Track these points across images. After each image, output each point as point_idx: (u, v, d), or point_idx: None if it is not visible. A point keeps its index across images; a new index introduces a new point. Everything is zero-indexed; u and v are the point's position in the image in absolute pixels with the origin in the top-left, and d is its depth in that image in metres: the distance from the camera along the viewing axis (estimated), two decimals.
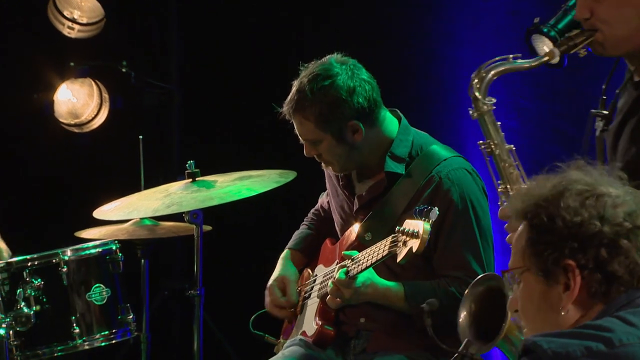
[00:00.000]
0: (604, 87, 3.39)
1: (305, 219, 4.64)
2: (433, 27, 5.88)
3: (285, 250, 4.54)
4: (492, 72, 3.34)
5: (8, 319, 4.20)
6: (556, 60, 3.30)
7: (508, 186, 3.31)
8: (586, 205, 2.34)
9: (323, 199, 4.61)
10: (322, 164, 4.27)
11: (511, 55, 3.33)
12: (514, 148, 3.36)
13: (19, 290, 4.26)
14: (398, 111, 4.26)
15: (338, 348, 4.28)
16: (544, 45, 4.83)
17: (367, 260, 3.98)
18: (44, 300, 4.30)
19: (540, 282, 2.40)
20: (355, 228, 4.22)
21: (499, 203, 3.34)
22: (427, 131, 4.30)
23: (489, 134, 3.35)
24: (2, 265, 4.32)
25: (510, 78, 5.48)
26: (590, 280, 2.34)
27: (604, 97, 3.38)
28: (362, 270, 3.98)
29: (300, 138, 4.19)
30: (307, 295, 4.43)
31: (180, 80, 6.45)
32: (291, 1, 6.26)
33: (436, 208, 3.77)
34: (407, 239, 3.75)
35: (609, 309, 2.32)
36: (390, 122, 4.20)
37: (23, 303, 4.25)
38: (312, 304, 4.34)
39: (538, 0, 5.00)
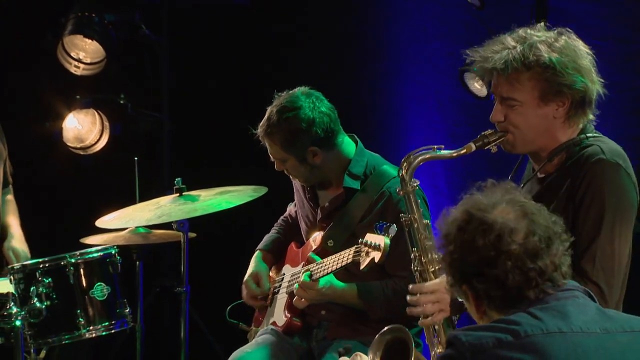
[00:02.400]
0: (510, 176, 3.39)
1: (275, 225, 4.65)
2: (382, 66, 5.91)
3: (257, 251, 4.55)
4: (419, 159, 3.33)
5: (23, 313, 4.17)
6: (470, 151, 3.31)
7: (420, 254, 3.32)
8: (462, 241, 2.39)
9: (291, 208, 4.62)
10: (290, 177, 4.30)
11: (435, 146, 3.33)
12: (430, 224, 3.37)
13: (32, 288, 4.23)
14: (355, 136, 4.29)
15: (303, 336, 4.30)
16: (475, 82, 4.89)
17: (331, 265, 4.00)
18: (54, 296, 4.28)
19: (465, 300, 2.47)
20: (319, 235, 4.25)
21: (412, 267, 3.34)
22: (378, 153, 4.33)
23: (411, 210, 3.36)
24: (18, 267, 4.31)
25: (446, 108, 5.54)
26: (481, 300, 2.40)
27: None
28: (324, 275, 4.01)
29: (271, 157, 4.23)
30: (276, 290, 4.43)
31: (170, 110, 6.43)
32: (265, 43, 6.28)
33: (394, 225, 3.80)
34: (370, 250, 3.77)
35: (514, 309, 2.35)
36: (347, 145, 4.23)
37: (36, 299, 4.22)
38: (281, 299, 4.35)
39: (470, 45, 5.04)
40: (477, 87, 4.89)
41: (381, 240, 3.74)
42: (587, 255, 3.08)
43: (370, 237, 3.80)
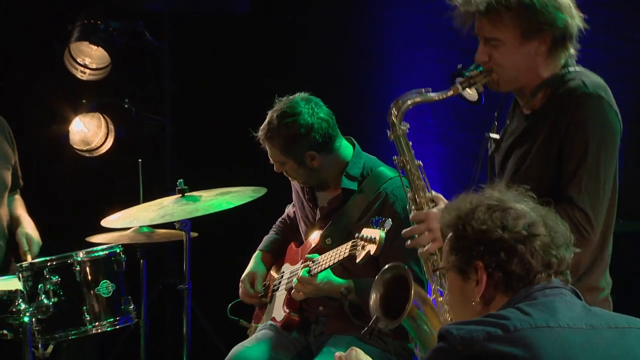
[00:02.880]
0: (496, 113, 3.41)
1: (273, 226, 4.66)
2: (377, 72, 5.91)
3: (257, 252, 4.57)
4: (408, 102, 3.32)
5: (31, 309, 4.16)
6: (457, 92, 3.29)
7: (414, 194, 3.34)
8: (492, 217, 2.38)
9: (289, 210, 4.63)
10: (290, 178, 4.31)
11: (423, 89, 3.32)
12: (422, 164, 3.37)
13: (40, 285, 4.22)
14: (353, 139, 4.30)
15: (301, 331, 4.30)
16: None
17: (329, 260, 4.00)
18: (61, 293, 4.26)
19: (459, 279, 2.45)
20: (318, 234, 4.25)
21: (407, 207, 3.37)
22: (374, 154, 4.33)
23: (402, 152, 3.37)
24: (27, 265, 4.30)
25: (439, 112, 5.54)
26: (494, 277, 2.38)
27: (496, 123, 3.41)
28: (322, 270, 4.01)
29: (271, 159, 4.24)
30: (275, 288, 4.44)
31: (171, 114, 6.44)
32: (264, 49, 6.29)
33: (389, 219, 3.81)
34: (366, 244, 3.77)
35: (512, 302, 2.36)
36: (345, 148, 4.24)
37: (43, 296, 4.21)
38: (280, 295, 4.35)
39: (460, 51, 5.04)
40: (469, 92, 4.88)
41: (377, 233, 3.75)
42: (574, 182, 3.10)
43: (366, 232, 3.80)
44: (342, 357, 2.80)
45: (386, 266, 3.24)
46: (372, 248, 3.74)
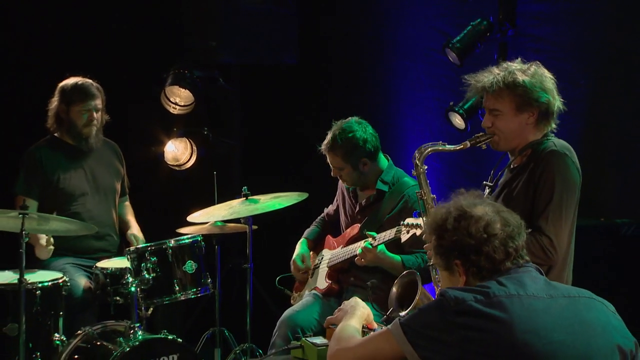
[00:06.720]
0: (493, 170, 3.39)
1: (314, 222, 4.68)
2: (390, 107, 5.90)
3: (302, 239, 4.59)
4: (428, 150, 3.35)
5: (136, 281, 4.22)
6: (466, 147, 3.30)
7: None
8: (460, 227, 2.36)
9: (328, 210, 4.66)
10: (341, 180, 4.30)
11: (441, 142, 3.34)
12: (435, 197, 3.37)
13: (142, 264, 4.28)
14: (388, 155, 4.32)
15: (337, 297, 4.30)
16: (456, 119, 4.87)
17: (383, 238, 3.97)
18: (158, 270, 4.31)
19: (446, 273, 2.45)
20: (357, 226, 4.28)
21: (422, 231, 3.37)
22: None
23: (421, 186, 3.38)
24: (133, 249, 4.35)
25: (436, 138, 5.50)
26: (470, 271, 2.38)
27: (492, 173, 3.40)
28: (378, 244, 3.97)
29: (331, 165, 4.23)
30: (316, 266, 4.45)
31: (239, 139, 6.48)
32: (308, 91, 6.31)
33: None
34: (410, 229, 3.77)
35: (492, 277, 2.35)
36: (382, 160, 4.26)
37: (145, 272, 4.26)
38: (322, 271, 4.36)
39: (452, 92, 5.04)
40: (458, 122, 4.87)
41: (421, 220, 3.72)
42: (543, 215, 3.09)
43: (410, 220, 3.81)
44: (345, 302, 2.83)
45: (404, 272, 3.23)
46: (418, 230, 3.72)
